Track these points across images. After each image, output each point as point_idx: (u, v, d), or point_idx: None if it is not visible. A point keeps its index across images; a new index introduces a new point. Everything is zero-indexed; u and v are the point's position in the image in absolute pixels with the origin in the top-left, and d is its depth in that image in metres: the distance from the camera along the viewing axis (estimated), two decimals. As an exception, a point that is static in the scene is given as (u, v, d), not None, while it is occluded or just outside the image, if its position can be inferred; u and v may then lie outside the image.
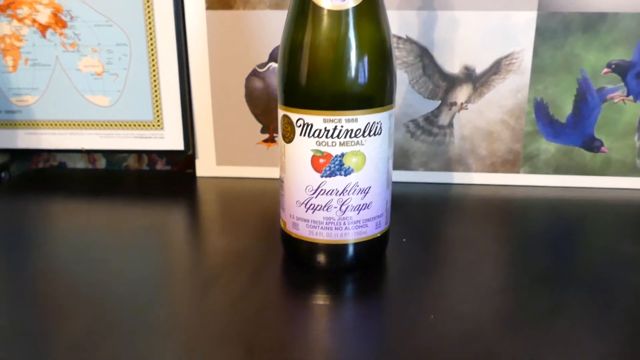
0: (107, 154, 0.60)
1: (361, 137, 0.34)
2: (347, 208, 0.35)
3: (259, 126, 0.54)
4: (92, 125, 0.55)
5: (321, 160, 0.34)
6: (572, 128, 0.52)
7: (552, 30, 0.50)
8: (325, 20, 0.33)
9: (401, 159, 0.54)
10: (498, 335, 0.31)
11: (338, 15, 0.33)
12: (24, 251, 0.42)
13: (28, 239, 0.44)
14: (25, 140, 0.57)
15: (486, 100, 0.52)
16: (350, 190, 0.34)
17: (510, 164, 0.53)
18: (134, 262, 0.40)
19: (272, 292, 0.36)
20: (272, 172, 0.55)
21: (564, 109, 0.52)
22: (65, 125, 0.56)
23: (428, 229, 0.45)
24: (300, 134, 0.34)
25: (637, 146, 0.52)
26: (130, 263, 0.40)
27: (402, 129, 0.53)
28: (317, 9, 0.33)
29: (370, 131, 0.34)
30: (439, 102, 0.52)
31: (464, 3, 0.49)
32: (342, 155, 0.34)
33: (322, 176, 0.34)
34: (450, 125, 0.52)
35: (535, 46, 0.50)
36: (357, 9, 0.33)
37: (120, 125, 0.55)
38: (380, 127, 0.34)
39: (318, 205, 0.35)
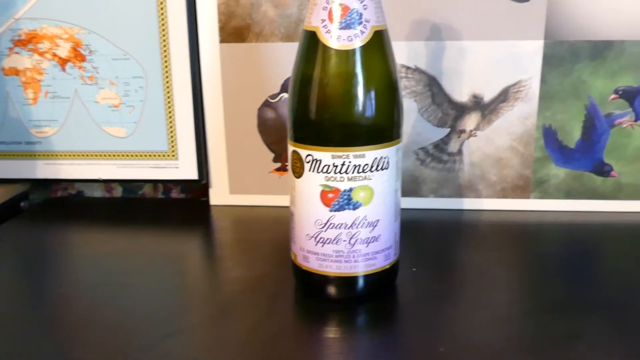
0: (124, 182, 0.61)
1: (369, 172, 0.34)
2: (356, 241, 0.35)
3: (271, 155, 0.55)
4: (109, 155, 0.57)
5: (330, 195, 0.35)
6: (581, 153, 0.52)
7: (559, 58, 0.50)
8: (333, 60, 0.34)
9: (411, 186, 0.54)
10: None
11: (345, 55, 0.34)
12: (43, 277, 0.43)
13: (47, 265, 0.45)
14: (44, 170, 0.58)
15: (495, 127, 0.52)
16: (358, 224, 0.35)
17: (521, 190, 0.53)
18: (152, 289, 0.41)
19: (287, 320, 0.36)
20: (284, 200, 0.55)
21: (573, 135, 0.52)
22: (83, 155, 0.57)
23: (439, 255, 0.45)
24: (310, 170, 0.35)
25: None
26: (148, 289, 0.41)
27: (412, 156, 0.53)
28: (326, 49, 0.34)
29: (377, 166, 0.34)
30: (448, 129, 0.53)
31: (471, 33, 0.50)
32: (351, 190, 0.34)
33: (331, 210, 0.35)
34: (460, 152, 0.53)
35: (543, 74, 0.51)
36: (363, 48, 0.34)
37: (137, 155, 0.56)
38: (388, 162, 0.35)
39: (327, 239, 0.35)
